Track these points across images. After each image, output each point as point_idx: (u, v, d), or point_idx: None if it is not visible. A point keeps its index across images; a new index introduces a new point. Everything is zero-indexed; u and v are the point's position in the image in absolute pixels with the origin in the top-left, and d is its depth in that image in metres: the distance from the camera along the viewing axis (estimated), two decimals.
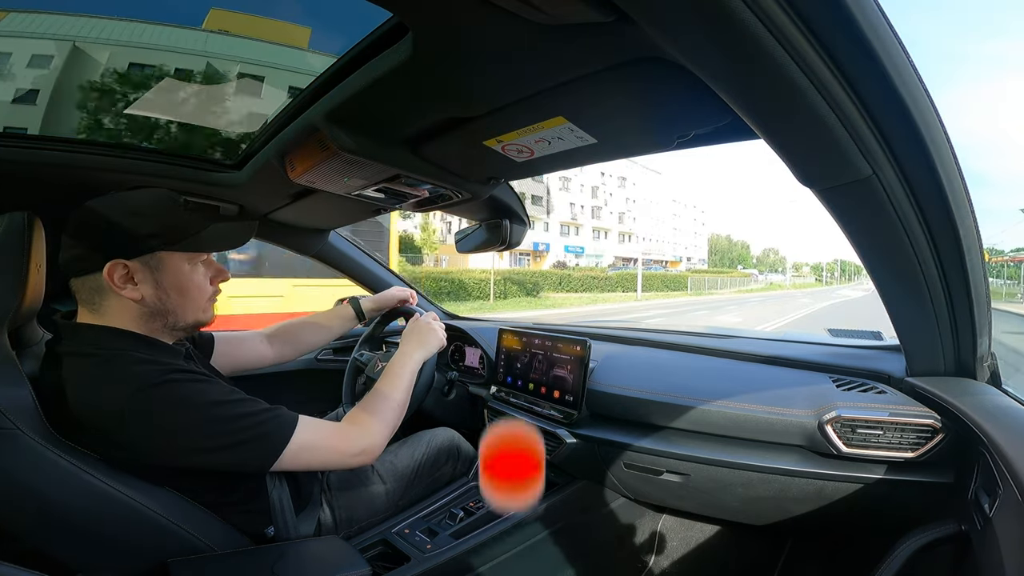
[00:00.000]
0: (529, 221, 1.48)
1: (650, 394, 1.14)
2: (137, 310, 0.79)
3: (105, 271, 0.75)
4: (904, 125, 0.53)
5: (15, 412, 0.67)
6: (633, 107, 0.69)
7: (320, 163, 0.93)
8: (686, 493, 1.13)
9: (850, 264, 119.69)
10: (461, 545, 1.10)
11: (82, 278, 0.78)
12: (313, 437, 0.82)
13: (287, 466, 0.80)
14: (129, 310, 0.79)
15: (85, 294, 0.78)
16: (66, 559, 0.70)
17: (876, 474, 0.91)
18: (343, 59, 0.76)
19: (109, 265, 0.75)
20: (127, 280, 0.77)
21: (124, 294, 0.77)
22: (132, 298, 0.78)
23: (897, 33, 0.46)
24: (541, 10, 0.47)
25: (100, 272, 0.76)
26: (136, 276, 0.78)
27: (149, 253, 0.78)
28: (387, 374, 1.01)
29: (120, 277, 0.77)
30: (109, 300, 0.78)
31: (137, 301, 0.78)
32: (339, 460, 0.86)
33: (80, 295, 0.79)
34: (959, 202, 0.63)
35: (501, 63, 0.62)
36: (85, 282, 0.78)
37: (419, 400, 1.38)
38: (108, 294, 0.78)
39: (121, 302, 0.78)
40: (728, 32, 0.43)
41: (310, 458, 0.82)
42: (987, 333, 0.84)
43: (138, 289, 0.78)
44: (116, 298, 0.78)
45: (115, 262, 0.76)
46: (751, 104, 0.55)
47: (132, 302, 0.78)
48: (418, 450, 1.28)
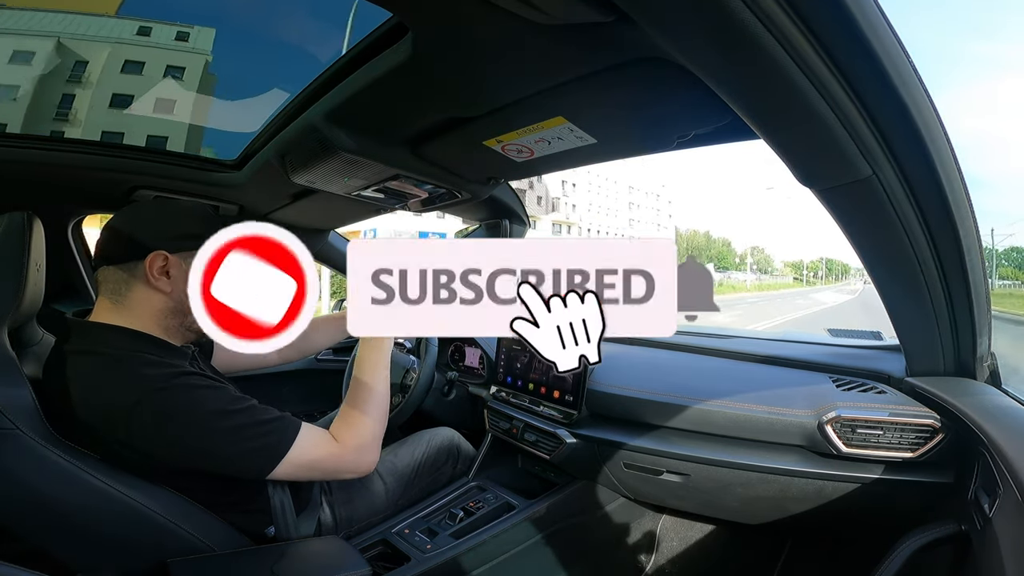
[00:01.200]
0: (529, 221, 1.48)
1: (650, 394, 1.14)
2: (161, 304, 0.80)
3: (148, 259, 0.78)
4: (904, 125, 0.53)
5: (15, 412, 0.67)
6: (633, 107, 0.69)
7: (320, 163, 0.93)
8: (686, 493, 1.13)
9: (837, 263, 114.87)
10: (461, 545, 1.10)
11: (116, 267, 0.79)
12: (311, 452, 0.82)
13: (284, 477, 0.80)
14: (152, 304, 0.80)
15: (112, 284, 0.80)
16: (66, 559, 0.70)
17: (876, 474, 0.91)
18: (343, 59, 0.76)
19: (153, 254, 0.78)
20: (163, 272, 0.79)
21: (157, 285, 0.79)
22: (162, 291, 0.79)
23: (897, 33, 0.46)
24: (541, 10, 0.47)
25: (140, 261, 0.78)
26: (172, 270, 0.80)
27: (188, 252, 0.79)
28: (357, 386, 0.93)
29: (159, 268, 0.79)
30: (135, 292, 0.79)
31: (166, 294, 0.80)
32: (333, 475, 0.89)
33: (106, 284, 0.80)
34: (959, 202, 0.63)
35: (501, 63, 0.62)
36: (117, 271, 0.79)
37: (419, 400, 1.38)
38: (136, 285, 0.79)
39: (147, 294, 0.79)
40: (728, 32, 0.43)
41: (306, 473, 0.83)
42: (987, 333, 0.84)
43: (170, 283, 0.80)
44: (144, 290, 0.79)
45: (158, 252, 0.78)
46: (751, 104, 0.55)
47: (159, 295, 0.80)
48: (418, 450, 1.28)
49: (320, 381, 1.87)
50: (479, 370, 1.69)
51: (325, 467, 0.84)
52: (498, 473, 1.40)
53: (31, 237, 0.77)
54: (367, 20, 0.69)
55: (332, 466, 0.85)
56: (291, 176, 1.02)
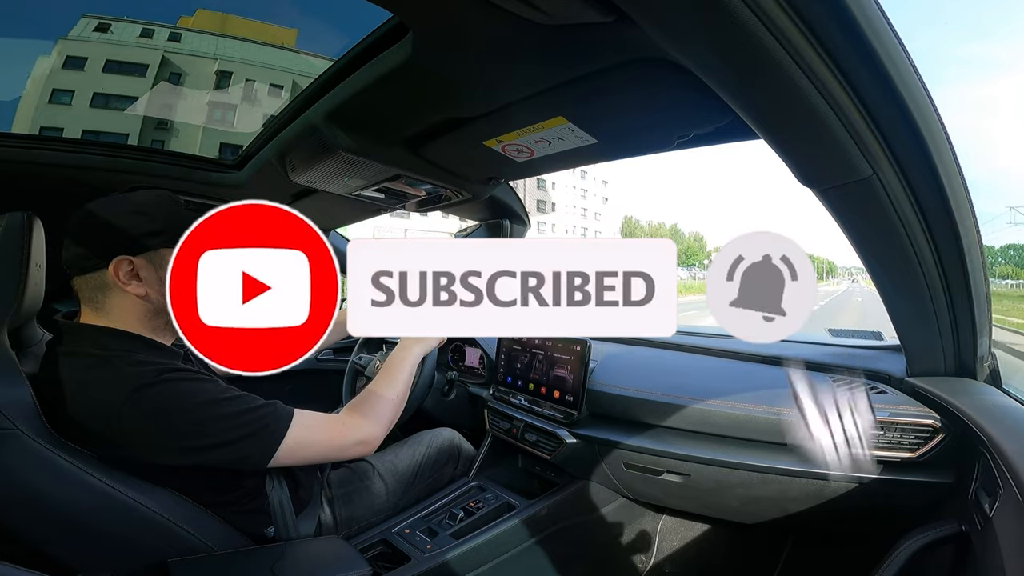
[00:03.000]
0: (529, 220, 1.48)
1: (650, 394, 1.14)
2: (141, 307, 0.79)
3: (111, 267, 0.76)
4: (904, 125, 0.53)
5: (15, 412, 0.67)
6: (633, 107, 0.69)
7: (320, 163, 0.93)
8: (686, 493, 1.13)
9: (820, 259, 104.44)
10: (461, 545, 1.10)
11: (85, 276, 0.78)
12: (309, 431, 0.82)
13: (286, 461, 0.80)
14: (133, 308, 0.79)
15: (88, 292, 0.79)
16: (66, 559, 0.70)
17: (876, 474, 0.91)
18: (343, 59, 0.76)
19: (116, 261, 0.76)
20: (132, 276, 0.78)
21: (129, 290, 0.78)
22: (137, 294, 0.78)
23: (897, 33, 0.46)
24: (541, 10, 0.47)
25: (104, 269, 0.76)
26: (141, 272, 0.78)
27: (153, 250, 0.79)
28: (387, 367, 1.00)
29: (125, 273, 0.77)
30: (113, 298, 0.78)
31: (141, 297, 0.79)
32: (337, 452, 0.87)
33: (83, 293, 0.79)
34: (959, 202, 0.63)
35: (501, 63, 0.62)
36: (88, 280, 0.78)
37: (419, 400, 1.38)
38: (112, 292, 0.78)
39: (125, 299, 0.79)
40: (728, 32, 0.43)
41: (307, 453, 0.82)
42: (987, 333, 0.84)
43: (143, 285, 0.78)
44: (120, 295, 0.78)
45: (121, 258, 0.77)
46: (751, 104, 0.55)
47: (136, 299, 0.79)
48: (419, 450, 1.28)
49: (320, 381, 1.87)
50: (479, 370, 1.69)
51: (329, 443, 0.84)
52: (498, 473, 1.40)
53: (31, 237, 0.77)
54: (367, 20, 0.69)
55: (337, 440, 0.85)
56: (291, 176, 1.02)
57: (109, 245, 0.77)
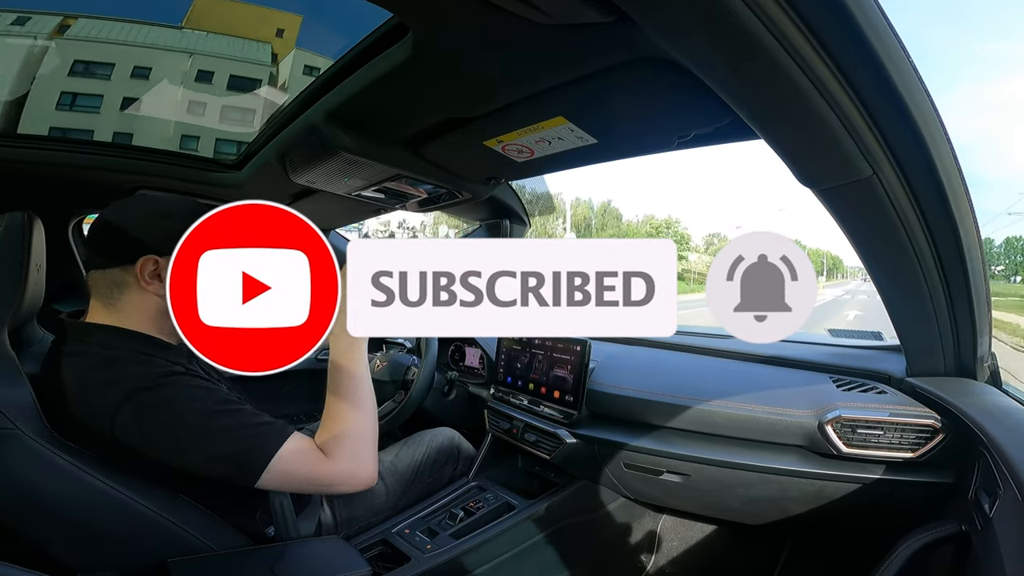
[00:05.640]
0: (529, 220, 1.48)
1: (650, 394, 1.14)
2: (155, 307, 0.79)
3: (138, 265, 0.77)
4: (904, 125, 0.53)
5: (15, 412, 0.67)
6: (633, 107, 0.69)
7: (320, 163, 0.93)
8: (686, 493, 1.13)
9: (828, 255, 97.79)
10: (461, 545, 1.10)
11: (105, 271, 0.78)
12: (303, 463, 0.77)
13: (274, 486, 0.77)
14: (147, 307, 0.79)
15: (104, 288, 0.79)
16: (66, 559, 0.70)
17: (876, 474, 0.91)
18: (343, 59, 0.76)
19: (143, 260, 0.77)
20: (155, 276, 0.78)
21: (149, 289, 0.78)
22: (157, 294, 0.79)
23: (897, 33, 0.46)
24: (541, 10, 0.47)
25: (127, 266, 0.77)
26: (163, 273, 0.78)
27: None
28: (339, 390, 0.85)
29: (150, 272, 0.78)
30: (129, 295, 0.79)
31: (160, 296, 0.79)
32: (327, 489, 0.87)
33: (97, 289, 0.79)
34: (959, 202, 0.63)
35: (501, 63, 0.62)
36: (107, 275, 0.78)
37: (419, 400, 1.38)
38: (129, 290, 0.78)
39: (141, 297, 0.79)
40: (728, 32, 0.43)
41: (302, 487, 0.81)
42: (987, 333, 0.84)
43: (163, 286, 0.78)
44: (137, 294, 0.79)
45: (148, 257, 0.77)
46: (751, 104, 0.55)
47: (153, 298, 0.79)
48: (418, 450, 1.28)
49: (320, 381, 1.86)
50: (479, 370, 1.69)
51: (319, 483, 0.80)
52: (498, 473, 1.40)
53: (31, 237, 0.77)
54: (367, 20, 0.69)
55: (327, 482, 0.80)
56: (291, 176, 1.02)
57: (140, 241, 0.78)
